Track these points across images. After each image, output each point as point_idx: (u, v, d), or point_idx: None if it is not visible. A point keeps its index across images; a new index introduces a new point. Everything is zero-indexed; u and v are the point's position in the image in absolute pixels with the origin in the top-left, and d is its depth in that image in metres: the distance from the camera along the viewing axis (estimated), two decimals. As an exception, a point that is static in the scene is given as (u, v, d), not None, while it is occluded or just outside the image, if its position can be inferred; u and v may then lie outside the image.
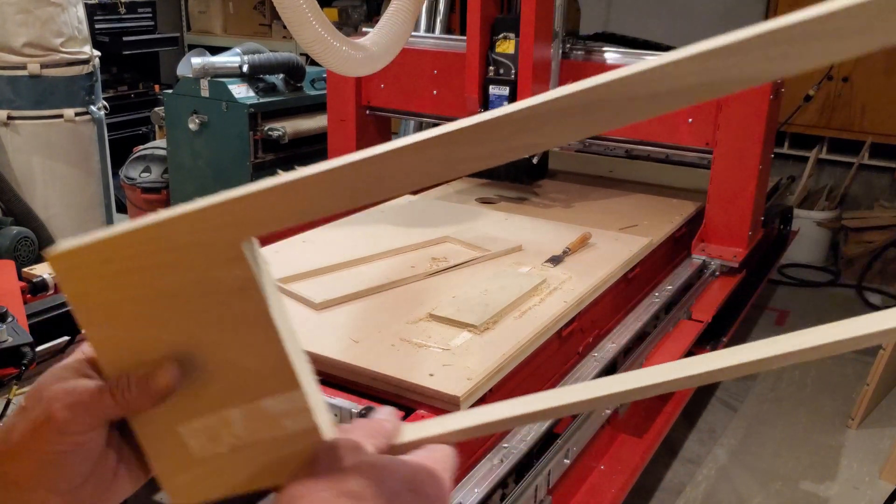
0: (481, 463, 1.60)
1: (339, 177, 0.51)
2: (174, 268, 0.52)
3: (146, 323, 0.54)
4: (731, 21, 5.19)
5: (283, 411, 0.56)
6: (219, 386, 0.56)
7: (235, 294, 0.53)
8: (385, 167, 0.51)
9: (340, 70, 2.30)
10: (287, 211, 0.52)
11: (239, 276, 0.52)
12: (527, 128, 0.49)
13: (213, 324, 0.54)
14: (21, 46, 3.39)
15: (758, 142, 2.67)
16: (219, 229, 0.51)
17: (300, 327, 1.79)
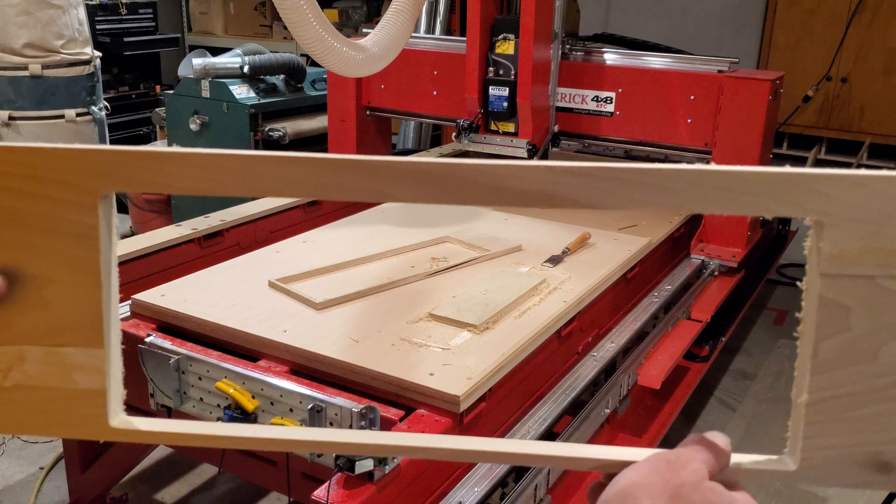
0: (481, 463, 1.61)
1: (202, 161, 0.55)
2: (30, 196, 0.55)
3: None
4: (730, 22, 5.22)
5: (79, 365, 0.57)
6: (28, 320, 0.56)
7: (76, 239, 0.55)
8: (247, 167, 0.55)
9: (341, 71, 2.31)
10: (146, 179, 0.55)
11: (85, 224, 0.55)
12: (380, 178, 0.53)
13: (45, 259, 0.55)
14: (21, 47, 3.39)
15: (756, 142, 2.68)
16: (83, 175, 0.54)
17: (300, 327, 1.80)
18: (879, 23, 4.62)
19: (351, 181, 0.53)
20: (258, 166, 0.54)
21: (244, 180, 0.55)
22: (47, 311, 0.56)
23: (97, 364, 0.57)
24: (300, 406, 1.57)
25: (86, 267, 0.56)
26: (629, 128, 2.91)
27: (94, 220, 0.55)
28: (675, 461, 0.55)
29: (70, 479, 2.36)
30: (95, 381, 0.57)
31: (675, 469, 0.54)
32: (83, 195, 0.54)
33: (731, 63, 2.79)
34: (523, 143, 2.76)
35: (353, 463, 1.34)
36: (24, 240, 0.55)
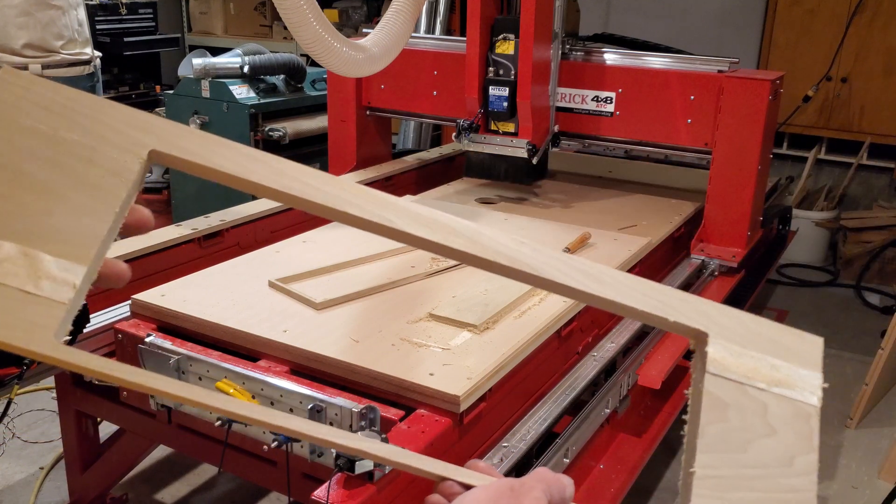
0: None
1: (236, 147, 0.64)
2: (91, 132, 0.61)
3: (21, 152, 0.59)
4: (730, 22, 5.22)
5: (52, 274, 0.57)
6: (24, 221, 0.58)
7: (110, 174, 0.61)
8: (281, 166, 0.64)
9: (341, 71, 2.31)
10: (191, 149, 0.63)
11: (126, 168, 0.61)
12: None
13: (67, 178, 0.60)
14: (21, 48, 3.39)
15: (757, 142, 2.68)
16: (139, 130, 0.62)
17: (300, 327, 1.80)
18: (879, 23, 4.62)
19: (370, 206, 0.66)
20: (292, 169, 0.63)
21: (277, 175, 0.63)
22: (45, 219, 0.58)
23: (72, 279, 0.57)
24: (300, 406, 1.57)
25: (107, 199, 0.60)
26: (629, 128, 2.91)
27: (134, 166, 0.61)
28: (518, 488, 0.61)
29: (70, 479, 2.36)
30: (60, 293, 0.57)
31: (517, 496, 0.59)
32: (134, 145, 0.61)
33: (731, 63, 2.79)
34: (523, 143, 2.75)
35: (353, 463, 1.34)
36: (57, 159, 0.60)
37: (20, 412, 3.00)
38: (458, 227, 0.65)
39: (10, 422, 2.92)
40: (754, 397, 0.61)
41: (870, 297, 4.43)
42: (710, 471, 0.59)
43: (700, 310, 0.64)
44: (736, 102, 2.68)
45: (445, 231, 0.65)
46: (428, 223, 0.65)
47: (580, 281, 0.65)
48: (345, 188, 0.65)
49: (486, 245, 0.66)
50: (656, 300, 0.64)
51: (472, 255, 0.66)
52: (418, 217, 0.65)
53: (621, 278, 0.65)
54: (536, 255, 0.66)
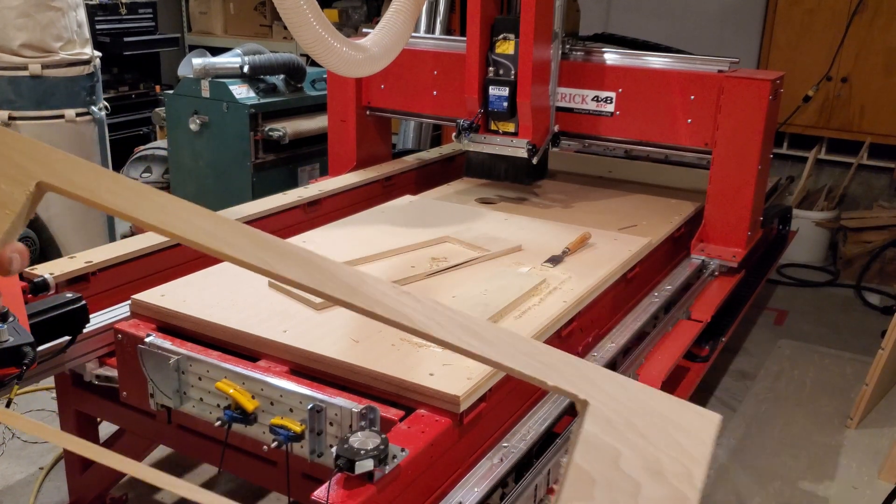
0: (481, 462, 1.61)
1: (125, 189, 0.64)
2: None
3: None
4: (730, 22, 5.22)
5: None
6: None
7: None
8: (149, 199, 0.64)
9: (341, 71, 2.31)
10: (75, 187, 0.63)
11: (12, 199, 0.61)
12: None
13: None
14: (18, 48, 3.39)
15: (757, 142, 2.68)
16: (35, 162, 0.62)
17: (300, 327, 1.80)
18: (880, 22, 4.62)
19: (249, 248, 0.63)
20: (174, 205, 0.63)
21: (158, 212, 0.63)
22: None
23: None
24: (300, 406, 1.57)
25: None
26: (629, 128, 2.91)
27: (21, 195, 0.61)
28: None
29: (70, 479, 2.36)
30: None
31: None
32: (23, 175, 0.62)
33: (731, 63, 2.79)
34: (523, 142, 2.75)
35: (353, 463, 1.34)
36: None
37: (20, 412, 3.00)
38: (340, 274, 0.63)
39: (9, 422, 2.92)
40: (628, 476, 0.57)
41: (870, 297, 4.43)
42: None
43: (585, 375, 0.60)
44: (736, 102, 2.68)
45: (324, 276, 0.63)
46: (305, 267, 0.63)
47: (461, 338, 0.62)
48: (227, 228, 0.63)
49: (365, 294, 0.64)
50: (539, 362, 0.61)
51: (350, 304, 0.64)
52: (297, 260, 0.63)
53: (504, 336, 0.62)
54: (417, 307, 0.63)
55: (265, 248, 0.64)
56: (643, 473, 0.57)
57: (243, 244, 0.63)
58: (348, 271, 0.64)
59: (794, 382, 3.49)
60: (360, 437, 1.39)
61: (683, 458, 0.58)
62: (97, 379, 1.99)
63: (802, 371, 3.59)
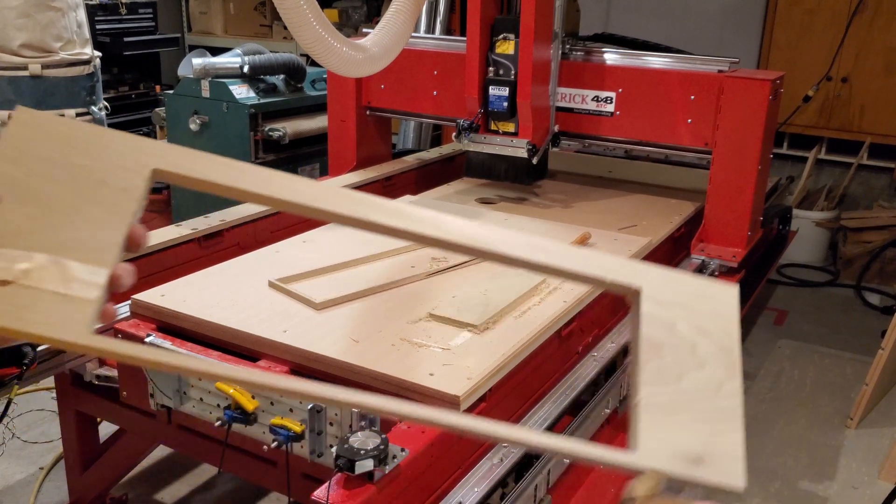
0: (481, 462, 1.61)
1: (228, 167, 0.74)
2: (98, 158, 0.70)
3: (38, 177, 0.69)
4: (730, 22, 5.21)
5: (81, 277, 0.66)
6: (50, 234, 0.67)
7: (120, 191, 0.70)
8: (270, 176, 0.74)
9: (341, 71, 2.31)
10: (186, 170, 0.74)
11: (133, 185, 0.71)
12: None
13: (86, 197, 0.69)
14: (18, 48, 3.39)
15: (757, 142, 2.68)
16: (141, 153, 0.72)
17: (300, 327, 1.80)
18: (880, 22, 4.62)
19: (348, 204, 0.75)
20: (274, 175, 0.72)
21: (266, 184, 0.72)
22: (69, 232, 0.67)
23: (98, 280, 0.67)
24: (300, 406, 1.57)
25: (119, 212, 0.69)
26: (629, 128, 2.90)
27: (140, 183, 0.71)
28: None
29: (70, 479, 2.36)
30: (89, 292, 0.66)
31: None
32: (138, 165, 0.72)
33: (731, 63, 2.79)
34: (523, 142, 2.75)
35: (353, 463, 1.34)
36: (71, 181, 0.69)
37: (20, 412, 3.00)
38: (421, 214, 0.74)
39: (10, 422, 2.92)
40: (684, 337, 0.71)
41: (870, 297, 4.43)
42: (651, 398, 0.68)
43: (632, 269, 0.74)
44: (736, 102, 2.68)
45: (412, 220, 0.74)
46: (395, 214, 0.75)
47: (528, 252, 0.73)
48: (324, 190, 0.74)
49: (446, 228, 0.74)
50: (596, 265, 0.73)
51: (432, 238, 0.73)
52: (386, 209, 0.75)
53: (565, 249, 0.74)
54: (485, 233, 0.74)
55: (362, 205, 0.75)
56: (695, 334, 0.71)
57: (344, 204, 0.74)
58: (434, 217, 0.74)
59: (794, 382, 3.49)
60: (360, 437, 1.39)
61: (719, 319, 0.72)
62: (97, 379, 1.99)
63: (802, 371, 3.59)
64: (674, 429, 0.68)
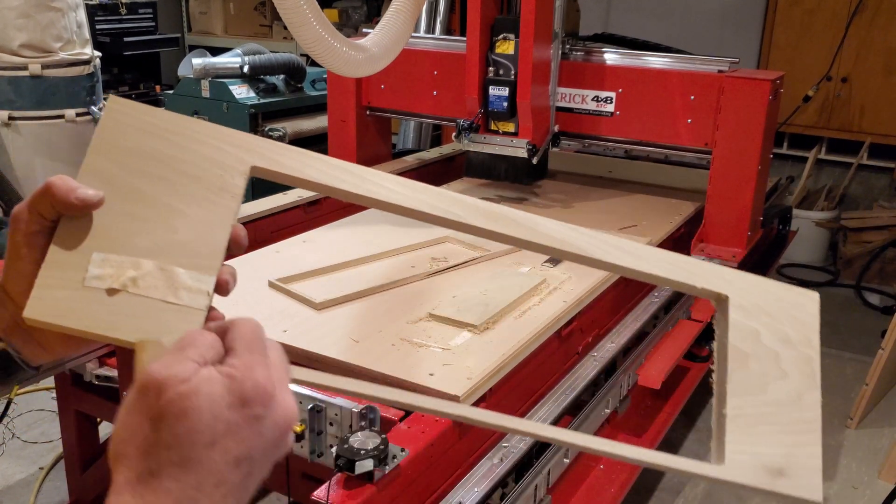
0: (481, 462, 1.61)
1: (332, 161, 0.72)
2: (192, 151, 0.69)
3: (134, 173, 0.67)
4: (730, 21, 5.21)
5: (188, 285, 0.65)
6: (153, 238, 0.66)
7: (218, 190, 0.68)
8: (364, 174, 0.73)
9: (341, 71, 2.31)
10: (287, 164, 0.71)
11: (232, 183, 0.69)
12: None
13: (183, 196, 0.67)
14: (18, 48, 3.39)
15: (757, 142, 2.68)
16: (240, 148, 0.70)
17: (300, 327, 1.80)
18: (880, 22, 4.62)
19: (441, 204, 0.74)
20: (372, 175, 0.72)
21: (362, 183, 0.72)
22: (172, 236, 0.66)
23: (205, 287, 0.66)
24: (300, 406, 1.57)
25: (221, 212, 0.68)
26: (629, 128, 2.90)
27: (239, 181, 0.69)
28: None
29: (70, 479, 2.36)
30: (198, 301, 0.66)
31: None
32: (236, 161, 0.69)
33: (731, 63, 2.79)
34: (523, 142, 2.75)
35: (353, 463, 1.34)
36: (168, 179, 0.67)
37: (20, 412, 3.00)
38: (519, 218, 0.75)
39: (10, 422, 2.92)
40: (768, 347, 0.72)
41: (870, 297, 4.43)
42: (738, 411, 0.70)
43: (720, 275, 0.75)
44: (736, 102, 2.68)
45: (507, 222, 0.74)
46: (491, 216, 0.74)
47: (621, 257, 0.74)
48: (416, 189, 0.74)
49: (542, 232, 0.75)
50: (685, 270, 0.75)
51: (530, 242, 0.74)
52: (483, 211, 0.75)
53: (655, 252, 0.75)
54: (581, 236, 0.75)
55: (453, 204, 0.75)
56: (778, 344, 0.72)
57: (434, 201, 0.74)
58: (525, 215, 0.76)
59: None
60: (360, 437, 1.39)
61: (801, 328, 0.74)
62: (97, 379, 1.99)
63: (802, 371, 3.58)
64: (758, 441, 0.69)
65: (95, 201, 0.65)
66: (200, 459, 0.54)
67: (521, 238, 0.74)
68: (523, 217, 0.75)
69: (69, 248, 0.64)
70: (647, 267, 0.74)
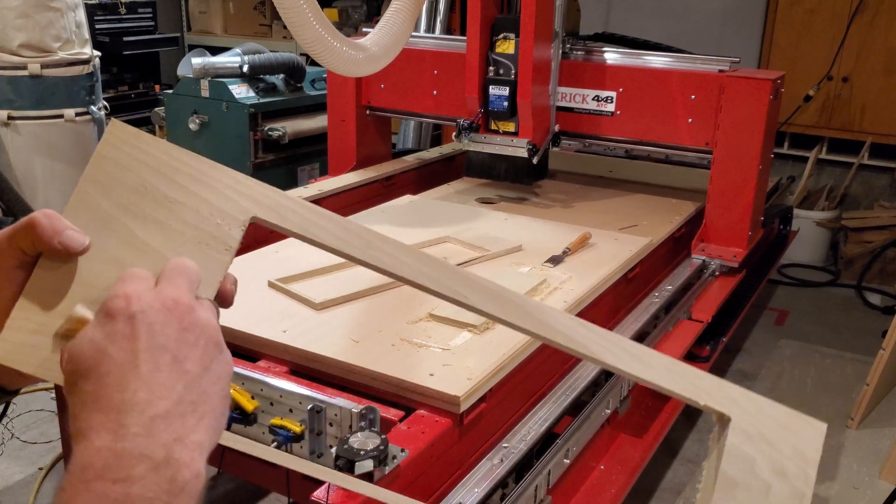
0: (481, 463, 1.61)
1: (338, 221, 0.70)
2: (196, 195, 0.65)
3: (128, 213, 0.63)
4: (730, 21, 5.21)
5: None
6: None
7: (213, 240, 0.66)
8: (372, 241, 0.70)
9: (341, 70, 2.31)
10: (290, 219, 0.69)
11: (228, 235, 0.66)
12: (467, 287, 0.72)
13: (175, 242, 0.64)
14: (17, 48, 3.39)
15: (758, 142, 2.67)
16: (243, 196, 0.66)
17: (300, 327, 1.79)
18: (881, 22, 4.61)
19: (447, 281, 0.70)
20: (380, 242, 0.69)
21: (368, 249, 0.69)
22: None
23: None
24: (300, 406, 1.57)
25: (211, 266, 0.66)
26: (630, 127, 2.90)
27: (237, 233, 0.66)
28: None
29: (69, 479, 2.35)
30: None
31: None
32: (238, 211, 0.66)
33: (731, 62, 2.79)
34: (524, 142, 2.75)
35: (352, 464, 1.34)
36: (163, 222, 0.64)
37: (19, 412, 3.00)
38: (526, 306, 0.72)
39: (9, 422, 2.91)
40: (761, 479, 0.69)
41: (871, 298, 4.42)
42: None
43: (727, 394, 0.72)
44: (737, 102, 2.68)
45: (513, 309, 0.71)
46: (498, 300, 0.71)
47: (630, 364, 0.72)
48: (425, 263, 0.71)
49: (549, 325, 0.72)
50: (690, 383, 0.72)
51: (535, 334, 0.72)
52: (489, 293, 0.71)
53: (663, 361, 0.73)
54: (591, 336, 0.73)
55: (459, 282, 0.71)
56: (772, 475, 0.69)
57: (440, 278, 0.70)
58: (532, 302, 0.73)
59: (794, 383, 3.49)
60: (359, 438, 1.38)
61: (800, 461, 0.70)
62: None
63: (803, 371, 3.58)
64: None
65: (80, 250, 0.61)
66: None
67: (527, 329, 0.72)
68: (533, 306, 0.72)
69: (47, 289, 0.61)
70: (652, 376, 0.72)
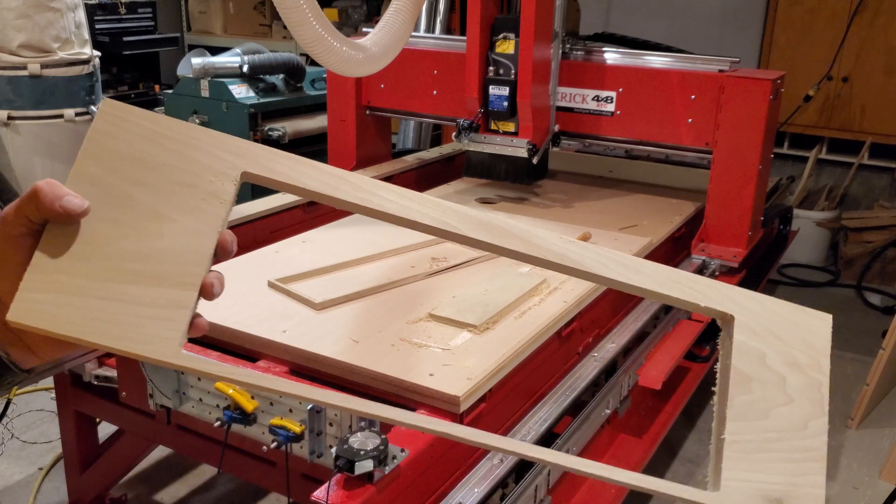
0: (481, 463, 1.61)
1: (325, 168, 0.72)
2: (187, 158, 0.68)
3: (125, 179, 0.67)
4: (730, 21, 5.21)
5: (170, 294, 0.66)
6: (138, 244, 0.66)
7: (209, 196, 0.69)
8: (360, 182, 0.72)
9: (341, 70, 2.30)
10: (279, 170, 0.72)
11: (223, 189, 0.69)
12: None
13: (173, 203, 0.67)
14: (17, 48, 3.39)
15: (757, 142, 2.67)
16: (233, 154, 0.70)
17: (300, 327, 1.79)
18: (880, 22, 4.61)
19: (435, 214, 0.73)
20: (368, 185, 0.71)
21: (356, 192, 0.71)
22: (157, 242, 0.66)
23: (186, 302, 0.66)
24: (300, 407, 1.57)
25: (210, 220, 0.68)
26: (630, 127, 2.90)
27: (230, 188, 0.69)
28: None
29: (69, 479, 2.36)
30: (179, 315, 0.65)
31: None
32: (228, 167, 0.70)
33: (731, 62, 2.79)
34: (523, 142, 2.75)
35: (352, 464, 1.34)
36: (159, 185, 0.67)
37: (19, 412, 3.00)
38: (514, 230, 0.72)
39: (9, 422, 2.92)
40: (774, 370, 0.69)
41: (871, 298, 4.42)
42: (737, 436, 0.67)
43: (727, 295, 0.72)
44: (737, 102, 2.68)
45: (502, 234, 0.72)
46: (487, 228, 0.72)
47: (622, 273, 0.71)
48: (412, 199, 0.73)
49: (538, 245, 0.72)
50: (688, 287, 0.72)
51: (526, 255, 0.72)
52: (478, 222, 0.73)
53: (657, 269, 0.72)
54: (582, 252, 0.72)
55: (448, 214, 0.73)
56: (785, 367, 0.70)
57: (429, 212, 0.73)
58: (520, 227, 0.73)
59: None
60: (359, 438, 1.38)
61: (811, 352, 0.73)
62: (96, 379, 1.99)
63: (803, 371, 3.58)
64: (757, 469, 0.66)
65: (79, 212, 0.65)
66: None
67: (516, 250, 0.72)
68: (519, 229, 0.72)
69: (55, 252, 0.64)
70: (648, 283, 0.71)
